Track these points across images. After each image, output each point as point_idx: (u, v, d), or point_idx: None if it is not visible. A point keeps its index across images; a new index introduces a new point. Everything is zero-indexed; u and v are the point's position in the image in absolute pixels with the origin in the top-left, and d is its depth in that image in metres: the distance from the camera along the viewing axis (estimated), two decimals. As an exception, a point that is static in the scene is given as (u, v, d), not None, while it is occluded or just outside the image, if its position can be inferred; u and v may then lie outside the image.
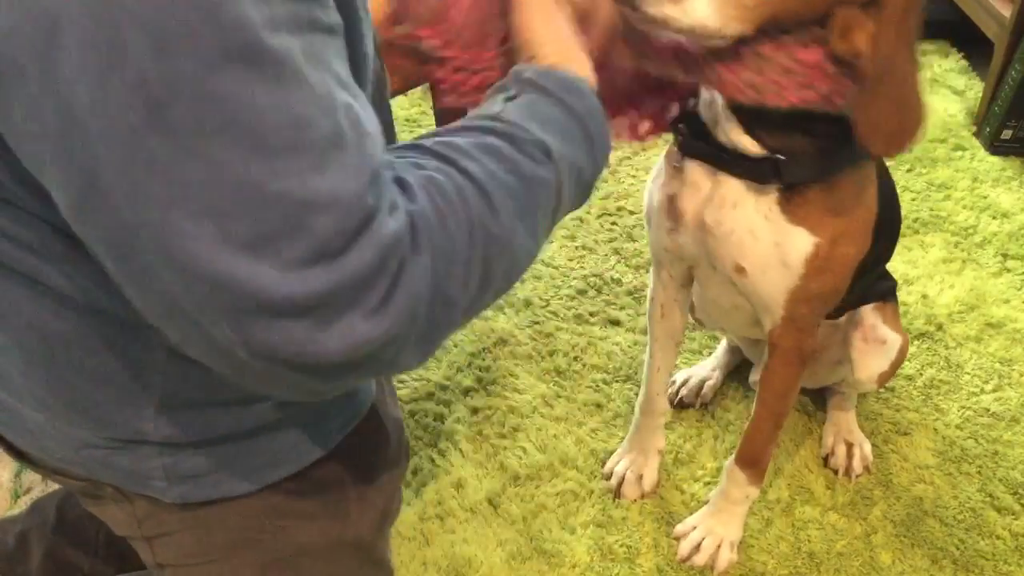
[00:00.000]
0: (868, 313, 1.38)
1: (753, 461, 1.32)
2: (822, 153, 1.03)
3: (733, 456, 1.34)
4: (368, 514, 0.92)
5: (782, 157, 1.03)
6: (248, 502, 0.83)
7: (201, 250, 0.50)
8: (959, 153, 2.25)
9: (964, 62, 2.58)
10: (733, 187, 1.08)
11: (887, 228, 1.27)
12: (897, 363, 1.40)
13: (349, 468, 0.88)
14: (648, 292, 1.38)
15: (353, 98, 0.55)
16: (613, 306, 1.81)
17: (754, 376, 1.61)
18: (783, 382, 1.24)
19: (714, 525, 1.39)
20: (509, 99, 0.71)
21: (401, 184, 0.58)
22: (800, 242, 1.08)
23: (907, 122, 0.93)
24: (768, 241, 1.09)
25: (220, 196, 0.49)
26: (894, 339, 1.38)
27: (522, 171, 0.65)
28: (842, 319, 1.41)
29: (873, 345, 1.37)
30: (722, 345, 1.68)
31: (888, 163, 1.28)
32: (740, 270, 1.14)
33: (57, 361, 0.72)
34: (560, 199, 0.70)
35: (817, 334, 1.20)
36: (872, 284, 1.38)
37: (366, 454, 0.90)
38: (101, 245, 0.54)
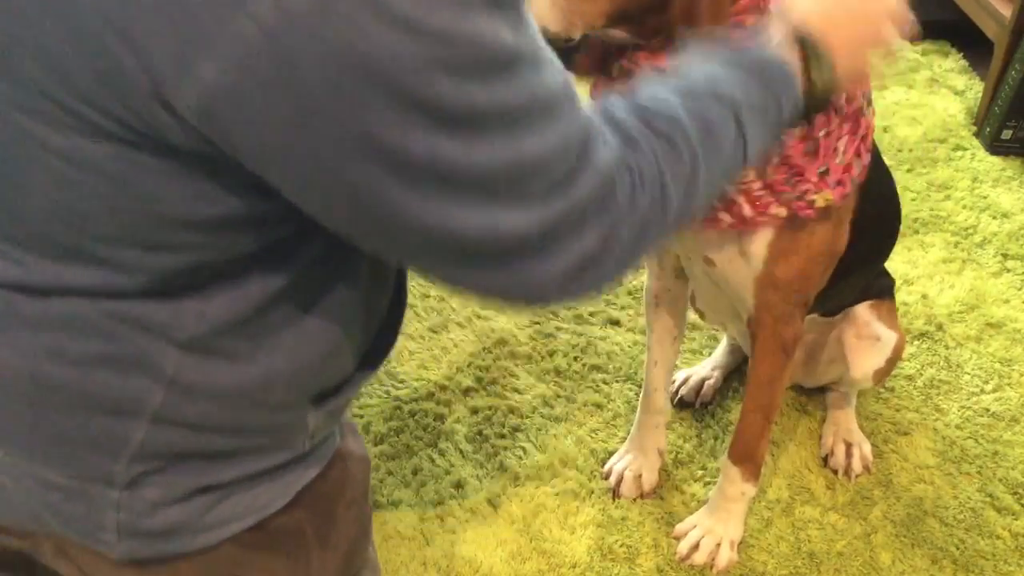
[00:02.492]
0: (862, 311, 1.38)
1: (746, 456, 1.32)
2: None
3: (727, 452, 1.34)
4: (330, 559, 0.88)
5: None
6: (203, 558, 0.79)
7: (480, 222, 0.60)
8: (959, 153, 2.25)
9: (964, 62, 2.58)
10: None
11: (880, 224, 1.27)
12: (893, 360, 1.40)
13: (309, 515, 0.84)
14: (644, 284, 1.38)
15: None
16: (613, 306, 1.81)
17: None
18: (766, 372, 1.24)
19: (713, 524, 1.39)
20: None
21: (610, 123, 0.69)
22: (762, 226, 1.08)
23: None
24: (731, 230, 1.09)
25: (499, 177, 0.59)
26: (888, 336, 1.38)
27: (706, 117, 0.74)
28: (837, 317, 1.41)
29: (867, 342, 1.38)
30: (722, 345, 1.68)
31: (888, 162, 1.28)
32: (708, 261, 1.14)
33: (41, 403, 0.70)
34: (741, 126, 0.76)
35: (799, 324, 1.19)
36: (871, 281, 1.38)
37: (327, 499, 0.86)
38: (369, 240, 0.64)
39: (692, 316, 1.78)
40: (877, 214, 1.22)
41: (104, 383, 0.69)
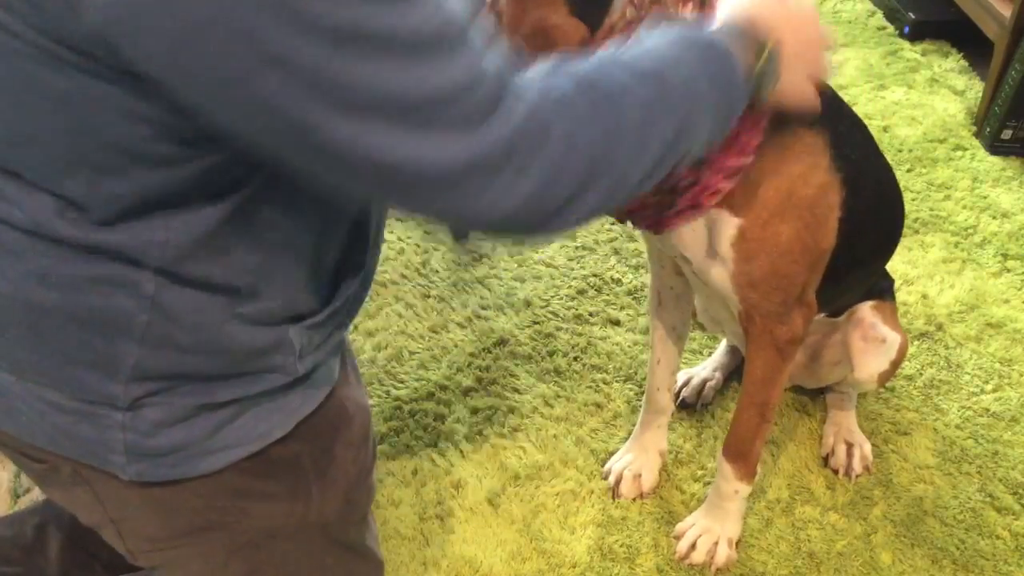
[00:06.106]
0: (867, 312, 1.38)
1: (739, 454, 1.31)
2: None
3: (721, 448, 1.34)
4: (330, 495, 0.92)
5: None
6: (206, 482, 0.83)
7: (393, 147, 0.62)
8: (959, 153, 2.25)
9: (964, 62, 2.58)
10: None
11: (878, 220, 1.26)
12: (897, 362, 1.40)
13: (308, 448, 0.88)
14: (645, 283, 1.39)
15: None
16: (613, 306, 1.81)
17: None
18: (760, 370, 1.23)
19: (710, 522, 1.39)
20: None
21: (523, 80, 0.70)
22: (725, 225, 1.08)
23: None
24: (700, 227, 1.09)
25: (401, 102, 0.62)
26: (893, 338, 1.38)
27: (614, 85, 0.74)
28: (841, 318, 1.41)
29: (872, 344, 1.37)
30: (722, 346, 1.68)
31: (888, 162, 1.28)
32: (685, 260, 1.15)
33: (37, 327, 0.74)
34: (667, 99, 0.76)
35: (797, 324, 1.19)
36: (874, 281, 1.38)
37: (326, 434, 0.90)
38: (299, 168, 0.66)
39: (692, 316, 1.78)
40: (873, 210, 1.21)
41: (91, 305, 0.73)
